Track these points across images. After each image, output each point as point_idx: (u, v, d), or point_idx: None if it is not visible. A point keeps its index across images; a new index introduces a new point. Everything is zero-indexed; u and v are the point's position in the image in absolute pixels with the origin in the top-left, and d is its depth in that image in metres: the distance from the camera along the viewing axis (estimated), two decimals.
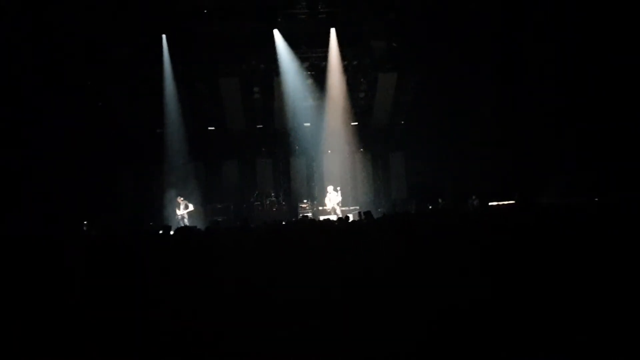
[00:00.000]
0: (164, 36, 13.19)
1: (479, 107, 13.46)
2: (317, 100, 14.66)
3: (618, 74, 10.49)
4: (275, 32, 13.54)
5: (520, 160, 12.91)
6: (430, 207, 13.30)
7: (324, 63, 14.24)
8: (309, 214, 13.76)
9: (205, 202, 14.32)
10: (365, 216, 7.64)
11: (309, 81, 14.51)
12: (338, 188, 13.92)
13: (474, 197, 13.42)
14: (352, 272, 3.80)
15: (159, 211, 13.69)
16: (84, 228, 12.31)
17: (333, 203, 13.71)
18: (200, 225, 12.00)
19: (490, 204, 12.07)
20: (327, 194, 13.86)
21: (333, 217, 12.64)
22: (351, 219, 9.01)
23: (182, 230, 6.38)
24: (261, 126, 15.23)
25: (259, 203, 14.60)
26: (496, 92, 13.20)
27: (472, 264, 3.69)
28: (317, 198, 14.81)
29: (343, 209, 13.69)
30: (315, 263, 4.10)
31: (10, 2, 10.18)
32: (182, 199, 13.27)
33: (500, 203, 11.87)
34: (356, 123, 15.07)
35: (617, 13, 10.14)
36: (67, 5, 10.81)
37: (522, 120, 12.85)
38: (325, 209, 13.85)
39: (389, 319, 3.07)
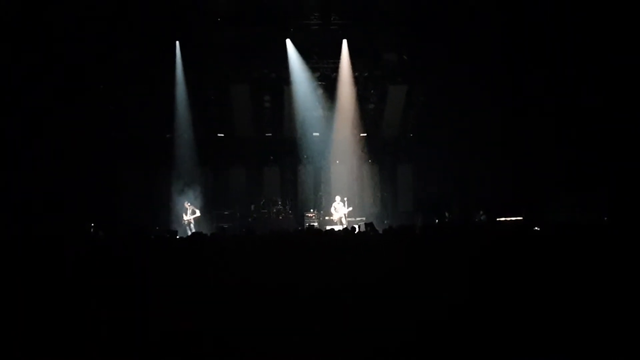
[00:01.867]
0: (177, 42, 13.34)
1: (489, 121, 13.40)
2: (327, 111, 14.71)
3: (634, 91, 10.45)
4: (288, 41, 13.65)
5: (530, 176, 12.81)
6: (437, 220, 13.22)
7: (334, 74, 14.31)
8: (315, 224, 13.73)
9: (211, 208, 14.34)
10: (369, 228, 7.60)
11: (319, 91, 14.57)
12: (345, 199, 13.88)
13: (481, 212, 13.32)
14: (351, 273, 3.82)
15: (166, 216, 13.74)
16: (91, 230, 12.38)
17: (340, 214, 13.65)
18: (205, 231, 12.02)
19: (498, 219, 11.98)
20: (334, 204, 13.81)
21: (338, 228, 12.60)
22: (357, 230, 8.98)
23: (193, 237, 6.43)
24: (270, 134, 15.28)
25: (265, 211, 14.61)
26: (506, 107, 13.14)
27: (470, 272, 3.69)
28: (324, 208, 14.78)
29: (349, 219, 13.64)
30: (315, 264, 4.12)
31: (23, 6, 10.36)
32: (189, 204, 13.34)
33: (508, 219, 11.78)
34: (365, 134, 15.08)
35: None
36: (81, 10, 10.98)
37: (533, 136, 12.78)
38: (332, 219, 13.81)
39: (386, 319, 3.08)
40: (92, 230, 12.35)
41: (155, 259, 4.66)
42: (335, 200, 13.83)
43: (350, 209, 13.67)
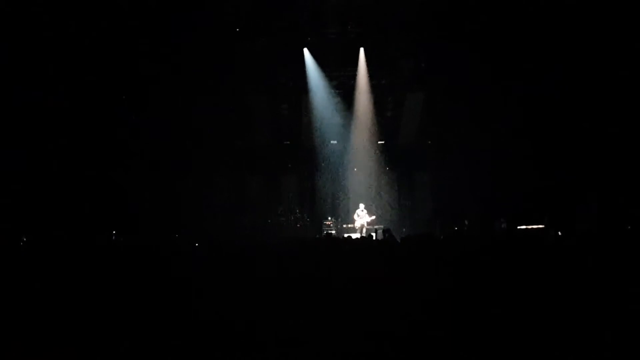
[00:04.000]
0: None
1: (509, 127, 13.21)
2: (344, 118, 14.76)
3: None
4: (305, 50, 13.79)
5: (552, 183, 12.56)
6: (455, 228, 13.07)
7: (352, 82, 14.37)
8: (333, 232, 13.72)
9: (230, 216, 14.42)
10: (387, 235, 7.59)
11: (337, 99, 14.64)
12: (364, 206, 13.84)
13: (502, 219, 13.09)
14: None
15: (185, 223, 13.87)
16: (113, 237, 12.61)
17: (363, 221, 13.61)
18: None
19: (519, 227, 11.79)
20: (358, 211, 13.75)
21: (356, 236, 12.56)
22: (374, 237, 8.97)
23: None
24: (288, 142, 15.37)
25: (283, 219, 14.66)
26: (527, 114, 12.93)
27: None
28: (342, 215, 14.77)
29: (368, 227, 13.59)
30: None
31: (38, 18, 10.70)
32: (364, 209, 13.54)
33: (530, 227, 11.58)
34: (383, 142, 15.05)
35: None
36: (105, 21, 11.28)
37: (555, 142, 12.56)
38: (352, 227, 13.78)
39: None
40: (113, 237, 12.59)
41: (151, 262, 4.86)
42: (359, 208, 13.80)
43: (374, 217, 13.62)
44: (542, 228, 11.27)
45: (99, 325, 3.44)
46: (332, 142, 15.01)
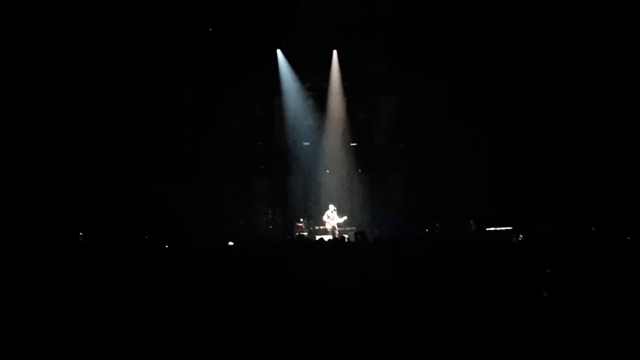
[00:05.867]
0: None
1: (480, 131, 13.48)
2: (317, 120, 14.78)
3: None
4: (278, 52, 13.76)
5: (521, 186, 12.87)
6: (427, 230, 13.26)
7: (325, 84, 14.40)
8: (305, 234, 13.71)
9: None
10: (360, 237, 7.66)
11: (310, 101, 14.65)
12: (335, 208, 13.90)
13: (471, 222, 13.36)
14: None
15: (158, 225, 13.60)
16: (80, 239, 12.27)
17: (333, 223, 13.64)
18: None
19: (487, 229, 12.06)
20: (327, 212, 13.78)
21: (329, 237, 12.58)
22: (346, 239, 9.01)
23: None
24: (260, 143, 15.28)
25: (255, 220, 14.55)
26: (498, 118, 13.21)
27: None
28: (314, 217, 14.77)
29: (340, 229, 13.63)
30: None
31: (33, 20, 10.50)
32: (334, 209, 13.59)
33: (498, 229, 11.87)
34: (355, 144, 15.15)
35: None
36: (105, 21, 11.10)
37: (525, 145, 12.86)
38: (324, 229, 13.79)
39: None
40: (80, 239, 12.25)
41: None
42: (328, 209, 13.83)
43: (345, 218, 13.67)
44: (509, 230, 11.56)
45: (99, 326, 3.44)
46: (304, 143, 15.01)
